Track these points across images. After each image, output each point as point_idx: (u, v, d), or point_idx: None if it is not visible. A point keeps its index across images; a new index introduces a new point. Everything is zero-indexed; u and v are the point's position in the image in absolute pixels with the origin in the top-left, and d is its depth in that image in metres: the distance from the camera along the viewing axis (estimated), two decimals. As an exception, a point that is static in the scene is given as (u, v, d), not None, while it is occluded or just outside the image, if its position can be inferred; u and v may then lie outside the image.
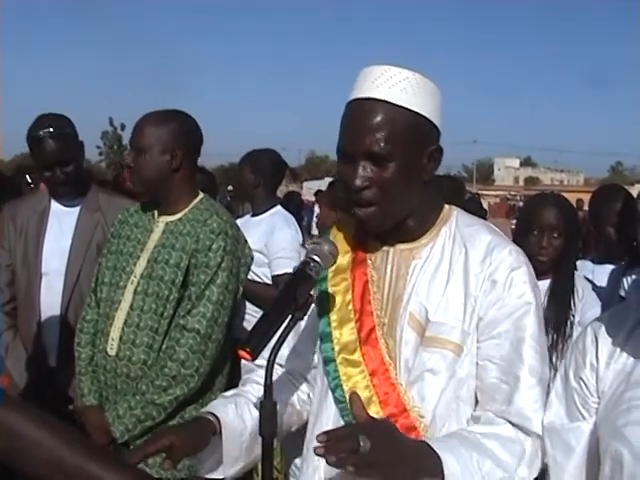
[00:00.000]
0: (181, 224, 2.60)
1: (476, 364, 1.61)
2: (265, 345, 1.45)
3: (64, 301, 3.03)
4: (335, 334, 1.68)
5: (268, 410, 1.42)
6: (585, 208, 16.18)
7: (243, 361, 1.85)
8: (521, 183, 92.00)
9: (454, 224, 1.69)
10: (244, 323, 3.67)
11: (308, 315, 1.71)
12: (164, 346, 2.52)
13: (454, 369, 1.59)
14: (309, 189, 30.35)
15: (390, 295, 1.66)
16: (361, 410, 1.44)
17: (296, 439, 1.89)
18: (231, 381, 2.73)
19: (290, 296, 1.50)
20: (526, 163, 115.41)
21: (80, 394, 2.65)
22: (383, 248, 1.70)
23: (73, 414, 2.84)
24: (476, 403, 1.63)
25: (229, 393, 1.81)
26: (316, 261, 1.56)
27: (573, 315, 2.82)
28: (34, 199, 3.29)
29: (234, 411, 1.69)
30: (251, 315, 3.63)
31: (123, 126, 43.85)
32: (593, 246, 3.74)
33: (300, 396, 1.83)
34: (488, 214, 17.86)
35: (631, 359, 1.54)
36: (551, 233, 2.82)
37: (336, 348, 1.67)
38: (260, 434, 1.43)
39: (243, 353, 1.43)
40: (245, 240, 2.71)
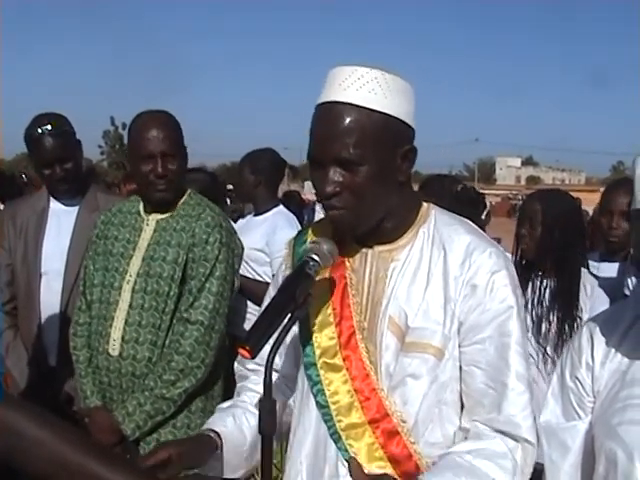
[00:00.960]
0: (173, 221, 2.62)
1: (460, 368, 1.59)
2: (264, 343, 1.45)
3: (63, 300, 3.04)
4: (315, 338, 1.65)
5: (267, 408, 1.42)
6: (584, 207, 16.20)
7: (236, 366, 1.86)
8: (523, 182, 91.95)
9: (432, 224, 1.65)
10: (246, 322, 3.68)
11: None
12: (167, 341, 2.54)
13: (436, 373, 1.57)
14: (310, 188, 30.29)
15: (369, 299, 1.63)
16: (360, 477, 1.50)
17: None
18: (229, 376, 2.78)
19: (289, 295, 1.50)
20: (528, 162, 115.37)
21: (83, 396, 2.65)
22: (361, 250, 1.67)
23: (75, 415, 2.85)
24: (461, 407, 1.61)
25: (226, 405, 1.81)
26: (315, 260, 1.55)
27: (580, 317, 2.80)
28: (33, 199, 3.30)
29: (232, 424, 1.70)
30: (252, 314, 3.63)
31: (124, 125, 43.71)
32: (601, 242, 3.67)
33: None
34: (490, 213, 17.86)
35: (626, 358, 1.55)
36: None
37: (317, 352, 1.65)
38: (259, 432, 1.43)
39: (242, 351, 1.43)
40: (235, 231, 2.76)
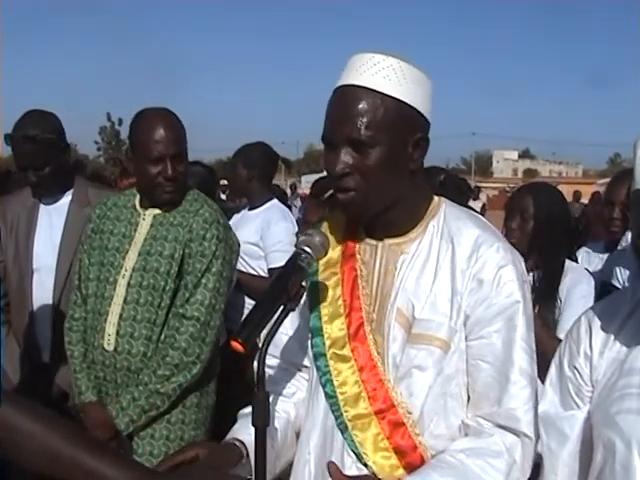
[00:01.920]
0: (170, 216, 2.61)
1: (466, 361, 1.60)
2: (257, 336, 1.45)
3: (55, 296, 3.02)
4: (326, 329, 1.68)
5: (260, 401, 1.42)
6: (582, 200, 16.21)
7: (255, 365, 1.86)
8: (520, 175, 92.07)
9: (442, 217, 1.67)
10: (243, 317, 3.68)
11: (304, 307, 1.72)
12: (163, 336, 2.53)
13: (441, 365, 1.58)
14: (308, 182, 30.33)
15: (379, 290, 1.65)
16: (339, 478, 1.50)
17: None
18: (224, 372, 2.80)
19: (282, 287, 1.50)
20: (524, 155, 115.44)
21: (77, 392, 2.63)
22: (372, 242, 1.69)
23: (69, 410, 2.83)
24: (468, 400, 1.62)
25: (247, 410, 1.76)
26: (307, 252, 1.55)
27: (558, 308, 2.74)
28: (23, 195, 3.25)
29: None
30: (249, 309, 3.63)
31: (121, 121, 43.69)
32: (598, 233, 3.66)
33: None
34: (487, 206, 17.89)
35: (624, 347, 1.54)
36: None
37: (327, 343, 1.67)
38: (252, 424, 1.43)
39: (235, 344, 1.43)
40: (231, 227, 2.76)
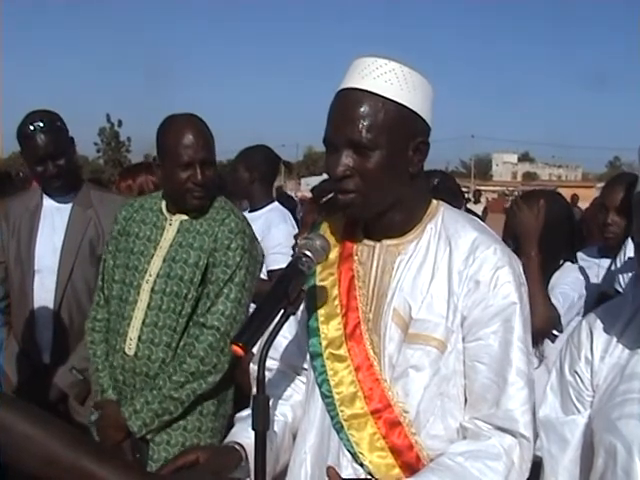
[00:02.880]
0: (197, 223, 2.59)
1: (463, 362, 1.61)
2: (257, 340, 1.45)
3: (57, 298, 3.03)
4: (322, 329, 1.69)
5: (260, 404, 1.42)
6: (579, 205, 16.24)
7: (252, 367, 1.82)
8: (519, 178, 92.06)
9: (440, 220, 1.69)
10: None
11: (303, 310, 1.73)
12: (182, 343, 2.53)
13: (438, 366, 1.59)
14: (307, 185, 30.37)
15: (375, 290, 1.67)
16: None
17: None
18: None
19: (282, 291, 1.50)
20: (524, 158, 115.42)
21: (100, 390, 2.63)
22: (369, 243, 1.71)
23: (68, 413, 2.83)
24: (465, 402, 1.63)
25: (245, 413, 1.78)
26: (308, 256, 1.56)
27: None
28: (26, 196, 3.28)
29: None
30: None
31: (120, 122, 43.72)
32: (596, 238, 3.65)
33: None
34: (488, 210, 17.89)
35: (625, 352, 1.54)
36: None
37: (323, 343, 1.68)
38: (252, 428, 1.43)
39: (235, 348, 1.42)
40: (256, 238, 2.72)
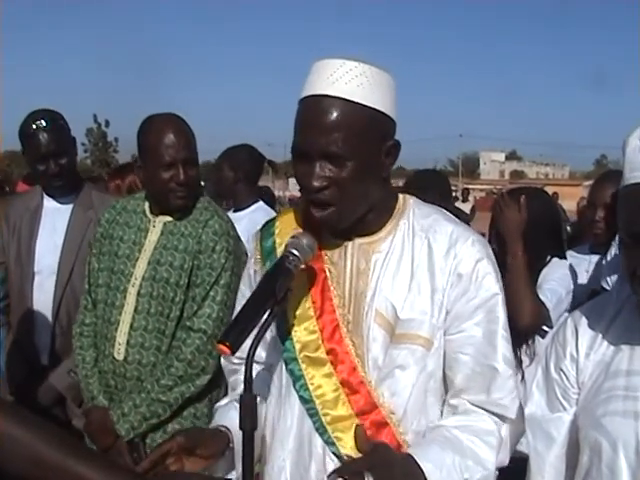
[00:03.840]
0: (181, 224, 2.56)
1: (443, 356, 1.60)
2: (244, 339, 1.43)
3: (56, 299, 3.01)
4: (295, 332, 1.63)
5: (248, 404, 1.41)
6: (564, 203, 16.35)
7: (223, 362, 1.84)
8: (507, 177, 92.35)
9: (412, 215, 1.66)
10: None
11: None
12: (170, 347, 2.51)
13: (424, 363, 1.58)
14: (295, 184, 30.31)
15: (352, 291, 1.62)
16: (364, 443, 1.53)
17: None
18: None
19: (269, 290, 1.48)
20: (511, 157, 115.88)
21: (89, 396, 2.60)
22: (339, 242, 1.65)
23: (65, 415, 2.81)
24: (446, 392, 1.63)
25: (224, 402, 1.78)
26: (295, 255, 1.53)
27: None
28: (27, 197, 3.27)
29: (237, 415, 1.62)
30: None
31: (107, 122, 43.55)
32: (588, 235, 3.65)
33: None
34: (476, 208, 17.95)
35: (610, 350, 1.56)
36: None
37: (297, 346, 1.63)
38: (240, 428, 1.42)
39: (222, 347, 1.41)
40: (241, 239, 2.70)
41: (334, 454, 1.59)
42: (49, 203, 3.13)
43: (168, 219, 2.58)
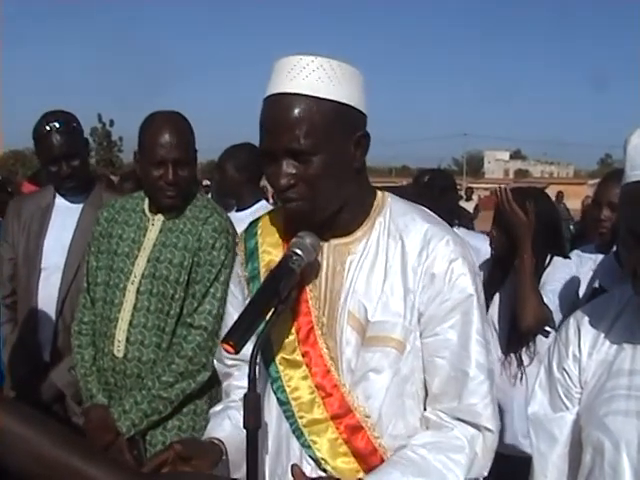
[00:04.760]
0: (180, 222, 2.58)
1: (421, 358, 1.57)
2: (248, 338, 1.44)
3: (61, 296, 3.04)
4: (272, 334, 1.59)
5: (251, 403, 1.42)
6: (570, 202, 16.31)
7: (217, 364, 1.84)
8: (511, 176, 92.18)
9: (388, 213, 1.63)
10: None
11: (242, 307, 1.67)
12: (170, 343, 2.52)
13: (398, 366, 1.55)
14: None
15: (327, 293, 1.60)
16: None
17: None
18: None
19: (273, 289, 1.49)
20: (516, 156, 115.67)
21: (89, 395, 2.61)
22: None
23: (65, 411, 2.82)
24: (425, 398, 1.60)
25: (218, 408, 1.78)
26: (298, 254, 1.53)
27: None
28: (39, 195, 3.31)
29: (230, 425, 1.67)
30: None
31: (112, 122, 43.73)
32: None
33: None
34: (479, 207, 17.91)
35: (613, 349, 1.55)
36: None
37: (274, 348, 1.62)
38: (244, 427, 1.42)
39: (226, 346, 1.42)
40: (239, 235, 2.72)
41: (310, 457, 1.58)
42: (60, 202, 3.17)
43: (167, 217, 2.60)
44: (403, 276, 1.57)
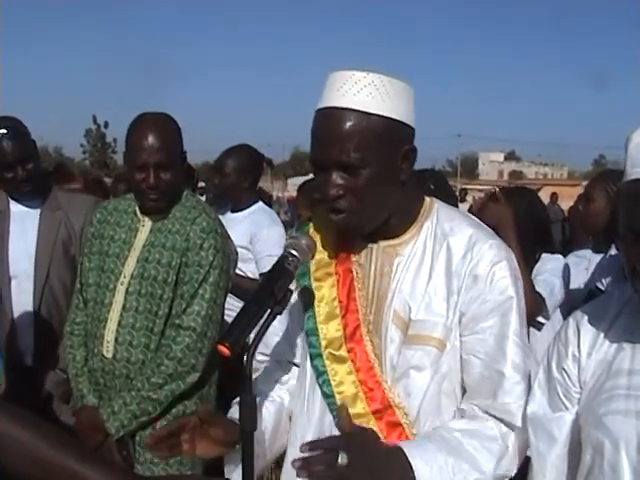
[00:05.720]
0: (169, 222, 2.59)
1: (460, 358, 1.63)
2: (244, 340, 1.44)
3: (35, 301, 3.04)
4: (322, 329, 1.69)
5: (248, 404, 1.42)
6: (559, 203, 16.34)
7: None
8: (505, 177, 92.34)
9: (435, 218, 1.69)
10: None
11: (296, 307, 1.74)
12: (159, 344, 2.52)
13: (438, 365, 1.61)
14: (294, 185, 30.31)
15: (375, 292, 1.67)
16: (346, 423, 1.53)
17: None
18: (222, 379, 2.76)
19: (268, 290, 1.49)
20: (510, 157, 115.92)
21: (79, 395, 2.61)
22: (367, 245, 1.71)
23: (54, 413, 2.80)
24: (462, 395, 1.65)
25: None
26: (294, 255, 1.55)
27: None
28: None
29: (263, 413, 1.71)
30: (231, 310, 3.62)
31: (106, 124, 43.76)
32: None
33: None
34: (473, 208, 17.95)
35: (612, 349, 1.55)
36: None
37: (323, 343, 1.68)
38: (240, 428, 1.43)
39: (222, 348, 1.42)
40: (229, 236, 2.72)
41: (337, 407, 1.63)
42: (16, 208, 3.14)
43: (154, 218, 2.60)
44: (447, 278, 1.63)
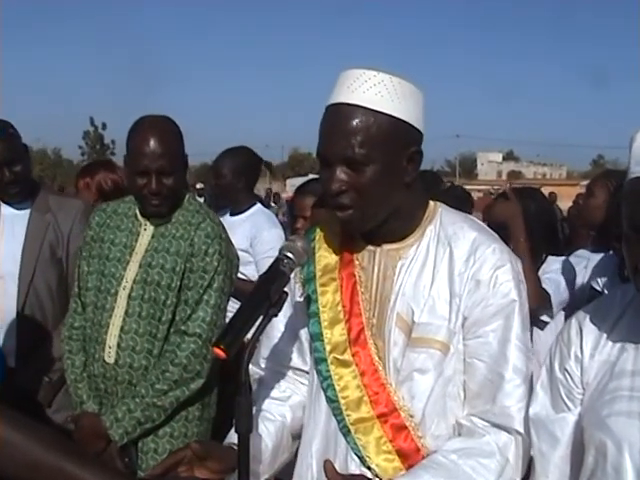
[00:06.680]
0: (172, 227, 2.56)
1: (463, 361, 1.63)
2: (239, 343, 1.43)
3: (19, 303, 3.02)
4: (326, 334, 1.69)
5: (243, 407, 1.41)
6: (558, 203, 16.39)
7: (252, 368, 1.82)
8: (504, 177, 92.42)
9: (439, 222, 1.70)
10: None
11: (301, 311, 1.75)
12: (163, 351, 2.50)
13: (442, 368, 1.61)
14: (292, 186, 30.31)
15: (377, 296, 1.67)
16: (334, 477, 1.51)
17: None
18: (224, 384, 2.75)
19: (264, 293, 1.49)
20: (509, 157, 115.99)
21: (79, 401, 2.58)
22: (369, 248, 1.71)
23: (42, 415, 2.79)
24: (464, 398, 1.64)
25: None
26: (290, 258, 1.55)
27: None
28: None
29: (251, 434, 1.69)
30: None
31: (104, 125, 43.74)
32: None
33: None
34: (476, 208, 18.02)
35: (615, 350, 1.54)
36: None
37: (327, 348, 1.69)
38: (236, 431, 1.41)
39: (217, 350, 1.41)
40: (231, 241, 2.70)
41: (356, 455, 1.63)
42: (6, 210, 3.13)
43: (156, 222, 2.57)
44: (450, 281, 1.63)
